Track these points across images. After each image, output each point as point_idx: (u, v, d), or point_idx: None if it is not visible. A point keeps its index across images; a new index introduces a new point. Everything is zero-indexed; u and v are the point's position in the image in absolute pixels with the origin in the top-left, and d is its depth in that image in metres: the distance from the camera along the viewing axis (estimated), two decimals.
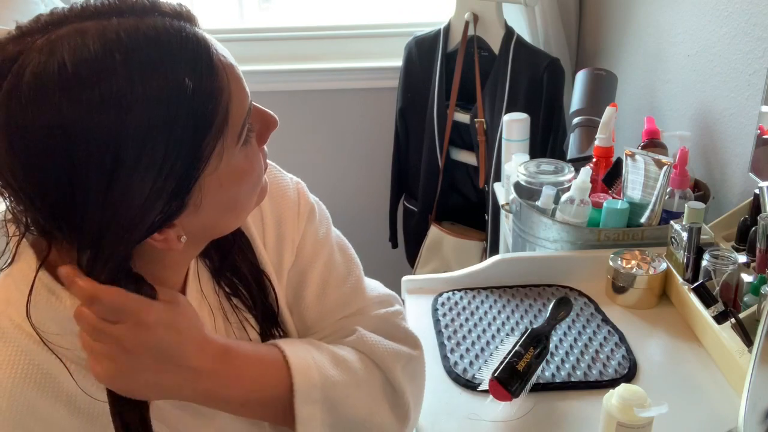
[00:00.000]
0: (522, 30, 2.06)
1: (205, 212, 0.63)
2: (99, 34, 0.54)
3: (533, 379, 0.98)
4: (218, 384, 0.68)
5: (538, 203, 1.36)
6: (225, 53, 0.61)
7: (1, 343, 0.64)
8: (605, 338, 1.11)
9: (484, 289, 1.26)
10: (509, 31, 1.97)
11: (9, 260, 0.66)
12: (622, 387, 0.85)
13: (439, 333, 1.14)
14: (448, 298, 1.23)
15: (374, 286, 0.89)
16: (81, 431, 0.67)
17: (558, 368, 1.05)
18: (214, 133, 0.59)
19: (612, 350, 1.08)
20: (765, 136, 1.20)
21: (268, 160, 0.76)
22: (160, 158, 0.56)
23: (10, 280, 0.66)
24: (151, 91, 0.54)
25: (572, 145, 1.70)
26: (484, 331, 1.15)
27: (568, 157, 1.70)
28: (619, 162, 1.38)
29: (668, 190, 1.29)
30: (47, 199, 0.57)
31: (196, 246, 0.70)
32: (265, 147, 0.69)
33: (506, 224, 1.67)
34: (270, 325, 0.81)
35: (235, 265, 0.78)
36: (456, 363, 1.07)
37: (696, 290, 1.09)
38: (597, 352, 1.08)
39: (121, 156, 0.54)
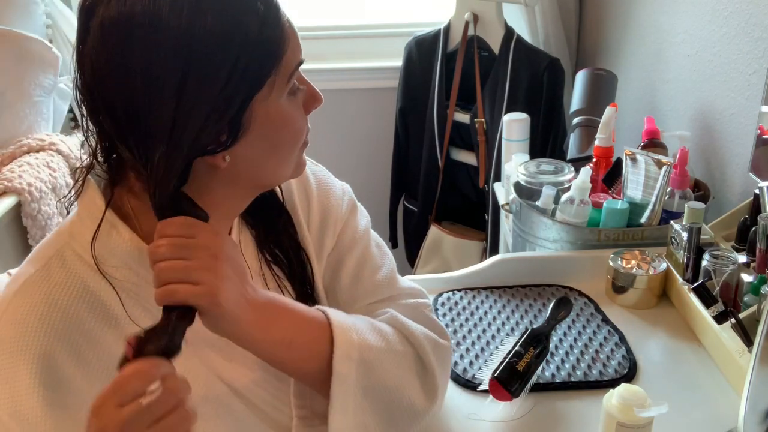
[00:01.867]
0: (522, 30, 2.06)
1: (251, 142, 0.68)
2: None
3: (533, 379, 0.98)
4: (269, 312, 0.71)
5: (538, 203, 1.36)
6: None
7: (62, 269, 0.71)
8: (605, 338, 1.11)
9: (484, 289, 1.26)
10: (509, 31, 1.97)
11: (77, 194, 0.73)
12: (622, 387, 0.85)
13: None
14: (448, 298, 1.23)
15: (406, 281, 0.94)
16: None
17: (558, 368, 1.05)
18: (272, 60, 0.66)
19: (612, 350, 1.08)
20: (765, 136, 1.20)
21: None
22: (228, 70, 0.63)
23: (76, 217, 0.73)
24: (231, 8, 0.63)
25: (572, 145, 1.70)
26: (484, 331, 1.15)
27: (568, 157, 1.70)
28: (619, 162, 1.38)
29: (668, 190, 1.29)
30: (126, 93, 0.63)
31: (235, 192, 0.74)
32: (308, 122, 0.75)
33: (506, 224, 1.67)
34: (306, 298, 0.85)
35: (278, 237, 0.83)
36: (456, 363, 1.07)
37: (696, 290, 1.09)
38: (597, 352, 1.08)
39: (194, 59, 0.62)
